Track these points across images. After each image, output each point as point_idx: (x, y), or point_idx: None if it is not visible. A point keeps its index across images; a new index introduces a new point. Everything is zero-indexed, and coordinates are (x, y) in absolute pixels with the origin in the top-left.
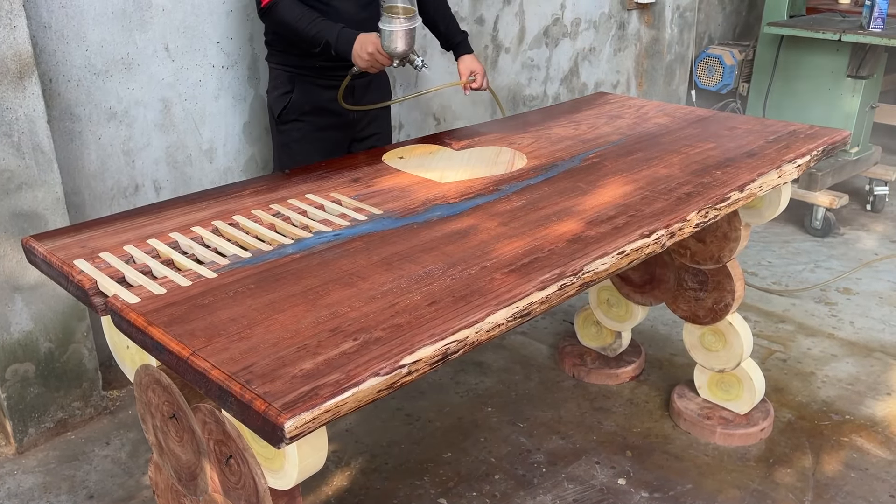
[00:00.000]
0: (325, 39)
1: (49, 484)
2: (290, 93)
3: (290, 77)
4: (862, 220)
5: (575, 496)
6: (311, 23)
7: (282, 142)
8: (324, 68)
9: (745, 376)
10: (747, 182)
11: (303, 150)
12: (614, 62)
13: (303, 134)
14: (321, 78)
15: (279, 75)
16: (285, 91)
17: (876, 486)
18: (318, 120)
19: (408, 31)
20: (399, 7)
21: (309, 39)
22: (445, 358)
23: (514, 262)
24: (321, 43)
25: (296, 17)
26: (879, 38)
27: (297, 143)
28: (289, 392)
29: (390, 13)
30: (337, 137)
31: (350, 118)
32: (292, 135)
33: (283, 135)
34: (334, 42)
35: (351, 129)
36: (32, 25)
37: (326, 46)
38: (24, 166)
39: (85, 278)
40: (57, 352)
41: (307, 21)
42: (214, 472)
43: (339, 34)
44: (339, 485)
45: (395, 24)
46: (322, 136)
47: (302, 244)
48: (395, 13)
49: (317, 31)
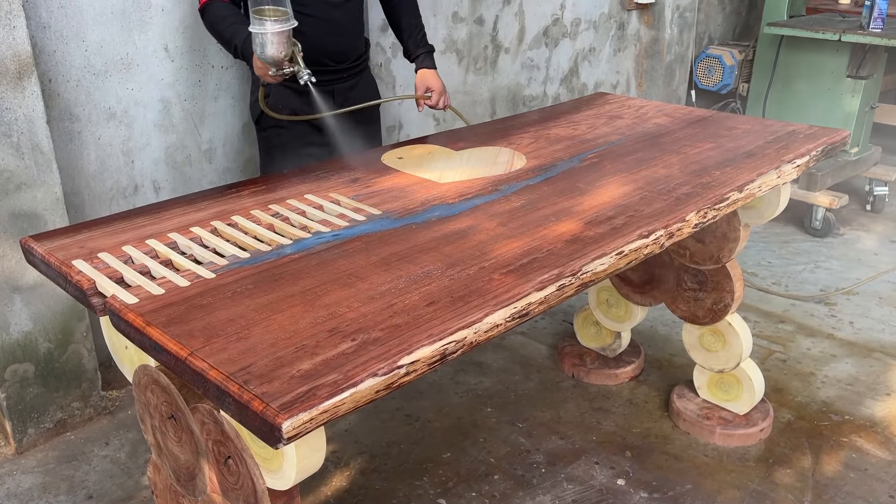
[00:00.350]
0: (234, 43)
1: (48, 484)
2: (265, 97)
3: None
4: (862, 220)
5: (574, 496)
6: (228, 27)
7: (264, 147)
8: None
9: (745, 377)
10: (746, 182)
11: (285, 155)
12: (614, 62)
13: (283, 140)
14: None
15: (257, 79)
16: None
17: (875, 486)
18: (295, 125)
19: (277, 34)
20: (268, 9)
21: (224, 43)
22: (443, 358)
23: (513, 263)
24: (232, 46)
25: (217, 19)
26: (879, 38)
27: (278, 150)
28: (287, 392)
29: (259, 15)
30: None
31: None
32: (273, 140)
33: (266, 140)
34: (241, 47)
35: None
36: (32, 26)
37: (236, 50)
38: (23, 166)
39: (83, 279)
40: (56, 352)
41: (225, 25)
42: (213, 472)
43: (244, 40)
44: (339, 485)
45: (263, 27)
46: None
47: (300, 244)
48: (264, 14)
49: (230, 35)
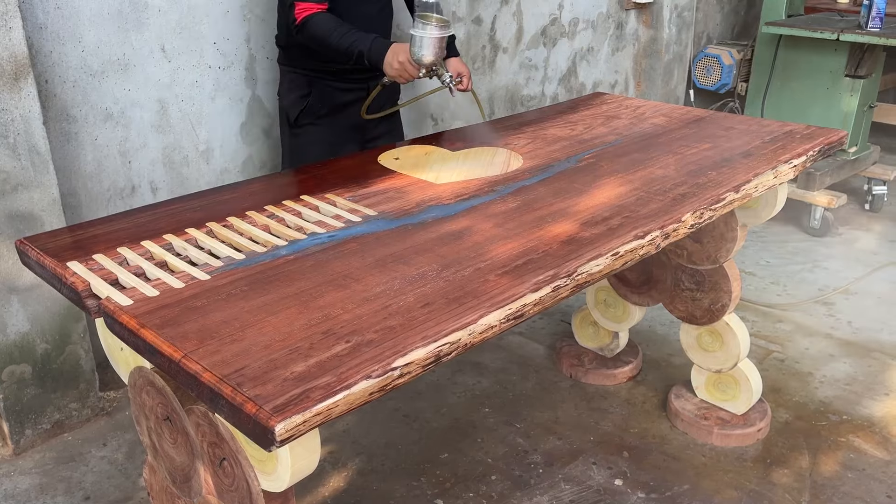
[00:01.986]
0: (357, 50)
1: (46, 485)
2: (307, 96)
3: (308, 80)
4: (860, 219)
5: (572, 497)
6: (344, 35)
7: (295, 145)
8: (341, 71)
9: (743, 377)
10: (743, 183)
11: (316, 153)
12: (612, 62)
13: (317, 137)
14: (338, 81)
15: (295, 78)
16: (303, 94)
17: (873, 486)
18: (333, 123)
19: (437, 39)
20: (433, 16)
21: (342, 51)
22: (438, 360)
23: (508, 264)
24: (354, 54)
25: (328, 30)
26: (878, 37)
27: (311, 146)
28: (280, 395)
29: (423, 20)
30: (350, 139)
31: (361, 122)
32: (306, 138)
33: (297, 138)
34: (367, 52)
35: (362, 130)
36: (28, 26)
37: (360, 57)
38: (19, 167)
39: (78, 280)
40: (53, 353)
41: (340, 34)
42: (208, 474)
43: (371, 44)
44: (336, 485)
45: (426, 31)
46: (336, 139)
47: (296, 246)
48: (428, 20)
49: (350, 42)
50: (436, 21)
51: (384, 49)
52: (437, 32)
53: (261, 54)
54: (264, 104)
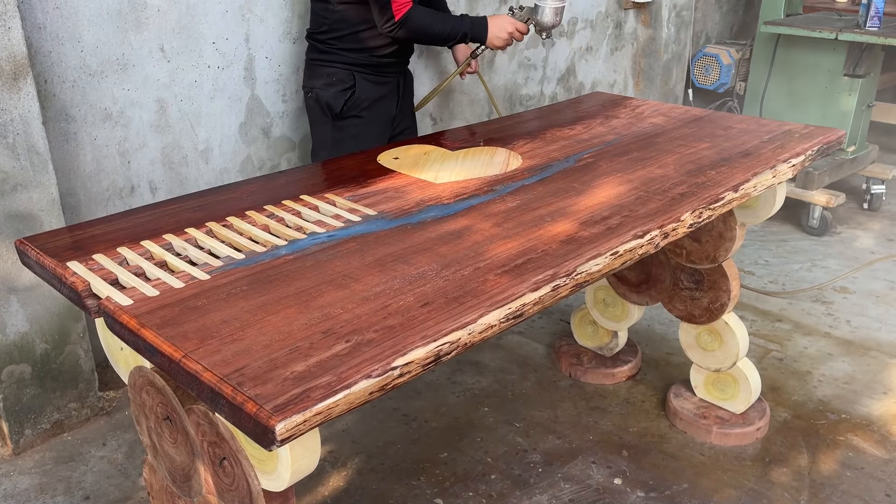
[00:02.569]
0: (461, 32)
1: (45, 485)
2: (351, 88)
3: (349, 74)
4: (859, 218)
5: (571, 496)
6: (443, 22)
7: (337, 138)
8: (380, 64)
9: (742, 376)
10: (742, 182)
11: (357, 145)
12: (611, 61)
13: (359, 129)
14: (376, 74)
15: (336, 72)
16: (346, 87)
17: (872, 485)
18: (372, 115)
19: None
20: None
21: (445, 36)
22: (437, 360)
23: (508, 263)
24: (458, 36)
25: (429, 22)
26: (876, 36)
27: (352, 139)
28: (280, 394)
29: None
30: (385, 132)
31: (393, 113)
32: (349, 130)
33: (340, 131)
34: (469, 31)
35: (391, 124)
36: (27, 26)
37: (463, 37)
38: (18, 167)
39: (78, 280)
40: (53, 353)
41: (440, 22)
42: (208, 473)
43: (472, 24)
44: (336, 485)
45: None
46: (373, 130)
47: (295, 245)
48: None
49: (451, 26)
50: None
51: (484, 24)
52: (559, 3)
53: (259, 54)
54: (263, 104)
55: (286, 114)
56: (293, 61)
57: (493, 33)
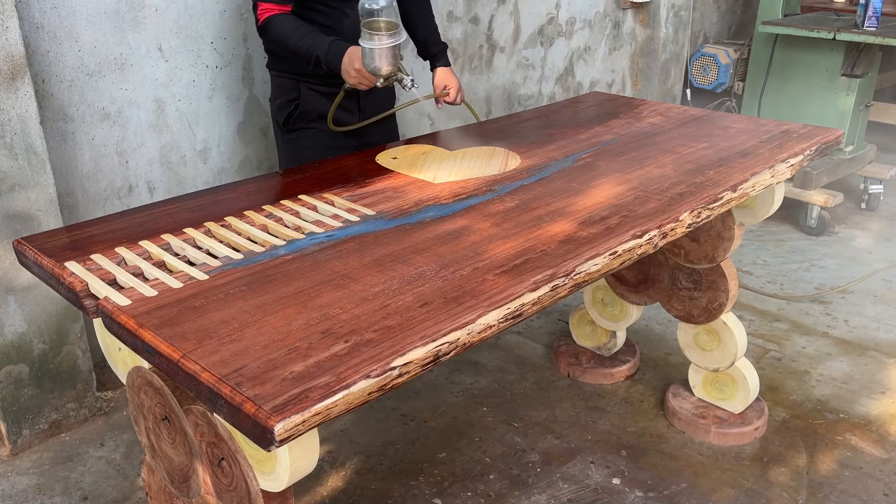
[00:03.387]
0: (315, 54)
1: (43, 485)
2: (295, 100)
3: (294, 84)
4: (857, 218)
5: (569, 496)
6: (303, 37)
7: (288, 150)
8: (327, 75)
9: (740, 375)
10: (740, 182)
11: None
12: (609, 61)
13: (311, 142)
14: (324, 85)
15: (282, 83)
16: (289, 98)
17: (870, 484)
18: (324, 127)
19: (390, 48)
20: (381, 23)
21: (301, 55)
22: (436, 360)
23: (507, 263)
24: (312, 58)
25: (287, 32)
26: (874, 36)
27: (304, 152)
28: (279, 395)
29: (370, 28)
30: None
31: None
32: (300, 143)
33: (290, 143)
34: (324, 56)
35: (358, 136)
36: (25, 26)
37: (318, 62)
38: (16, 167)
39: (76, 280)
40: (51, 353)
41: (299, 36)
42: (207, 474)
43: (329, 48)
44: (334, 485)
45: (374, 41)
46: (330, 143)
47: (294, 245)
48: (377, 29)
49: (308, 45)
50: (385, 28)
51: (341, 53)
52: (386, 42)
53: (258, 54)
54: (261, 104)
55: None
56: None
57: (344, 66)
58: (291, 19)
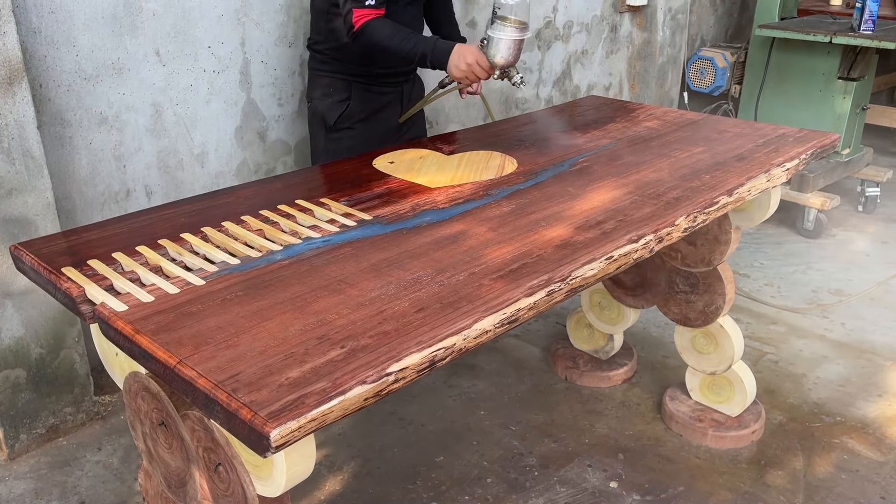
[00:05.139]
0: (420, 52)
1: (41, 490)
2: (346, 100)
3: (346, 84)
4: (854, 221)
5: (567, 499)
6: (405, 38)
7: (332, 150)
8: (380, 75)
9: (737, 378)
10: (736, 186)
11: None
12: (606, 65)
13: (354, 142)
14: (376, 85)
15: (333, 82)
16: (342, 98)
17: (867, 487)
18: (369, 127)
19: (517, 41)
20: (513, 18)
21: (404, 54)
22: (432, 365)
23: (503, 268)
24: (417, 56)
25: (387, 35)
26: (870, 40)
27: (347, 152)
28: (275, 401)
29: (503, 21)
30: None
31: (394, 124)
32: (343, 143)
33: (334, 143)
34: (430, 54)
35: (395, 134)
36: (22, 31)
37: (422, 59)
38: (14, 172)
39: (72, 286)
40: (48, 357)
41: (401, 37)
42: (203, 479)
43: (434, 46)
44: (332, 489)
45: (505, 33)
46: (372, 143)
47: (291, 250)
48: (508, 22)
49: (412, 45)
50: (515, 22)
51: (448, 50)
52: (516, 34)
53: (255, 58)
54: (259, 108)
55: (282, 118)
56: (289, 65)
57: (452, 62)
58: (389, 23)
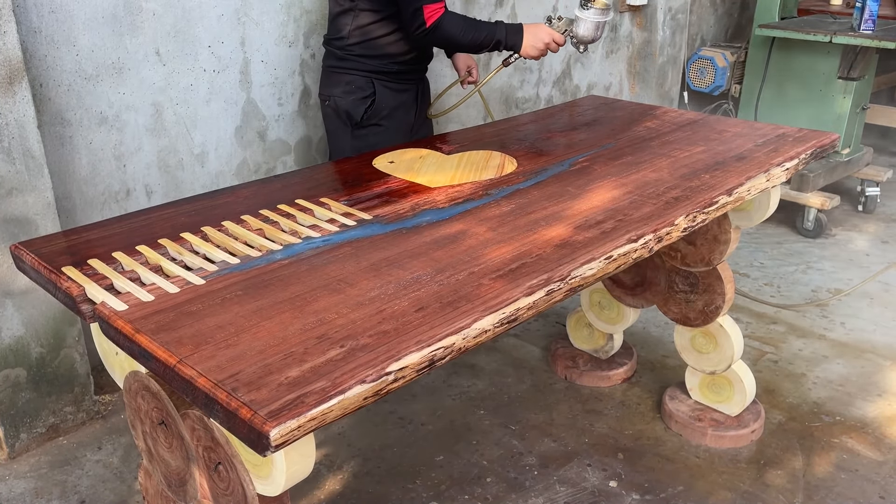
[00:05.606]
0: (495, 39)
1: (41, 489)
2: (371, 96)
3: (369, 82)
4: (853, 220)
5: (566, 499)
6: (477, 29)
7: (357, 147)
8: (400, 71)
9: (736, 378)
10: (735, 186)
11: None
12: (606, 64)
13: (379, 138)
14: (396, 81)
15: (355, 79)
16: (365, 95)
17: (866, 487)
18: (391, 124)
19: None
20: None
21: (478, 44)
22: (432, 365)
23: (502, 268)
24: (492, 42)
25: (461, 28)
26: (870, 39)
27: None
28: (274, 400)
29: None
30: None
31: (412, 122)
32: (370, 139)
33: (360, 140)
34: (504, 38)
35: (412, 131)
36: (22, 30)
37: (497, 44)
38: (14, 171)
39: (73, 285)
40: (48, 357)
41: (472, 29)
42: (203, 478)
43: (507, 31)
44: (331, 489)
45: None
46: (394, 139)
47: (290, 250)
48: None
49: (485, 34)
50: (601, 4)
51: (520, 31)
52: (601, 17)
53: (255, 57)
54: (259, 107)
55: (282, 117)
56: (289, 65)
57: (528, 42)
58: (457, 15)
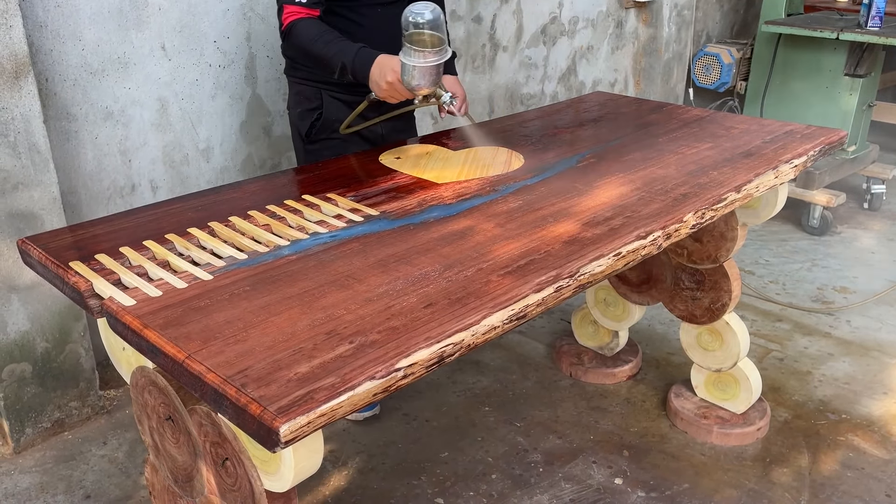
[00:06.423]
0: (340, 62)
1: (46, 484)
2: (317, 109)
3: (316, 92)
4: (859, 218)
5: (572, 496)
6: (329, 43)
7: (311, 161)
8: (352, 84)
9: (742, 376)
10: (744, 183)
11: None
12: (612, 61)
13: (336, 152)
14: (348, 93)
15: (303, 90)
16: (312, 107)
17: (872, 485)
18: (349, 137)
19: (434, 67)
20: (426, 36)
21: (325, 62)
22: (441, 361)
23: (511, 264)
24: (338, 66)
25: (312, 37)
26: (877, 36)
27: None
28: (284, 396)
29: (413, 43)
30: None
31: (380, 133)
32: (323, 154)
33: (313, 155)
34: (350, 64)
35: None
36: (28, 25)
37: (343, 70)
38: (20, 166)
39: (80, 280)
40: (54, 352)
41: (325, 41)
42: (210, 474)
43: (356, 55)
44: (337, 485)
45: (417, 58)
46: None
47: (298, 246)
48: (421, 44)
49: (333, 52)
50: (430, 43)
51: (369, 62)
52: (432, 59)
53: (261, 52)
54: (264, 102)
55: (287, 112)
56: None
57: (373, 77)
58: (317, 24)
